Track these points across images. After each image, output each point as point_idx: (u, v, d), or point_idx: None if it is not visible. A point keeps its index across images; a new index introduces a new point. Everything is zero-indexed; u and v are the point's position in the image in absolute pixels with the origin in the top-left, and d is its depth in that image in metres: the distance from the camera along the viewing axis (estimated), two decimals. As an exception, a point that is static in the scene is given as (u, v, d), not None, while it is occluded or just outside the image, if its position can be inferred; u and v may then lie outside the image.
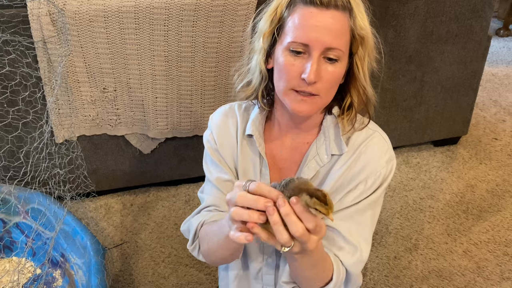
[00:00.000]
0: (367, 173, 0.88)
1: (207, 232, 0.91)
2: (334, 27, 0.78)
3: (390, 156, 0.90)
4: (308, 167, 0.90)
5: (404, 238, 1.74)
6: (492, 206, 1.88)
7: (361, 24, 0.81)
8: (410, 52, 1.86)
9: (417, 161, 2.14)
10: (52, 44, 1.50)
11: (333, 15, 0.78)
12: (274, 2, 0.84)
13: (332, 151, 0.89)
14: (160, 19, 1.52)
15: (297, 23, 0.79)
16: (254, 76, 0.90)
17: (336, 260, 0.87)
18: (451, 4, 1.79)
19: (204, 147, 1.00)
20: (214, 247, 0.87)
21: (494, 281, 1.57)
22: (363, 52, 0.84)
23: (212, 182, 0.97)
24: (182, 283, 1.59)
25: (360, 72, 0.84)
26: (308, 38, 0.78)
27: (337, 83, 0.84)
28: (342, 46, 0.79)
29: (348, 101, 0.88)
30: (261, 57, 0.87)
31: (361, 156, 0.88)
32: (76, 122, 1.69)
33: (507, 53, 3.18)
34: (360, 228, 0.89)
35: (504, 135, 2.30)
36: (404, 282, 1.58)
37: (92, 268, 1.29)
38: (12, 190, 1.50)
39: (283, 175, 0.94)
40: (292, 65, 0.80)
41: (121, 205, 1.91)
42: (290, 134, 0.93)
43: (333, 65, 0.80)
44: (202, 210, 0.98)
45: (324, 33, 0.77)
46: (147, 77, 1.63)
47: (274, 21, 0.83)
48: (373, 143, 0.89)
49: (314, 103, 0.82)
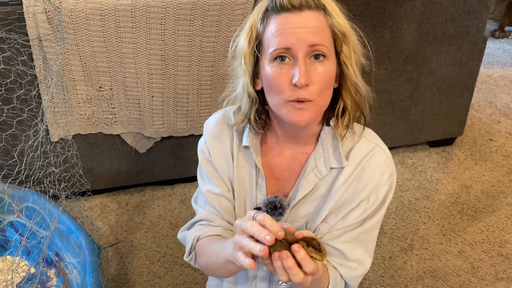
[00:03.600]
0: (369, 190, 0.87)
1: (206, 250, 0.90)
2: (312, 24, 0.77)
3: (391, 171, 0.88)
4: (306, 180, 0.88)
5: (399, 238, 1.75)
6: (487, 207, 1.89)
7: (338, 20, 0.79)
8: (406, 53, 1.87)
9: (413, 162, 2.14)
10: (48, 42, 1.49)
11: (308, 15, 0.77)
12: (248, 22, 0.83)
13: (331, 164, 0.88)
14: (156, 18, 1.51)
15: (274, 31, 0.78)
16: (243, 102, 0.88)
17: (335, 273, 0.87)
18: (447, 5, 1.80)
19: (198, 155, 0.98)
20: (214, 266, 0.87)
21: (489, 282, 1.57)
22: (348, 49, 0.81)
23: (204, 194, 0.95)
24: (177, 283, 1.59)
25: (349, 70, 0.82)
26: (289, 41, 0.76)
27: (330, 84, 0.81)
28: (325, 41, 0.78)
29: (341, 105, 0.85)
30: (247, 79, 0.84)
31: (364, 172, 0.87)
32: (72, 120, 1.68)
33: (502, 54, 3.19)
34: (365, 245, 0.89)
35: (499, 136, 2.31)
36: (399, 282, 1.58)
37: (87, 268, 1.29)
38: (6, 189, 1.50)
39: (280, 186, 0.92)
40: (280, 74, 0.78)
41: (116, 204, 1.90)
42: (288, 145, 0.91)
43: (321, 63, 0.78)
44: (196, 224, 0.97)
45: (303, 32, 0.76)
46: (144, 76, 1.62)
47: (252, 40, 0.81)
48: (375, 158, 0.87)
49: (311, 110, 0.79)
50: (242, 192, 0.94)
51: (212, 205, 0.94)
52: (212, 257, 0.86)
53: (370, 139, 0.90)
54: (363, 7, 1.71)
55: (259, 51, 0.82)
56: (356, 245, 0.88)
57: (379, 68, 1.87)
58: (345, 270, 0.88)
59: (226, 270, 0.84)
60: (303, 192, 0.88)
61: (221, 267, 0.84)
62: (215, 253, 0.85)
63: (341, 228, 0.88)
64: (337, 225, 0.89)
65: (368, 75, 0.91)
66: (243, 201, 0.94)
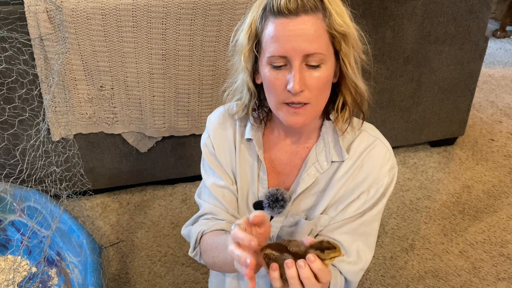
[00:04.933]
0: (369, 183, 0.87)
1: (211, 247, 0.90)
2: (308, 32, 0.76)
3: (392, 164, 0.89)
4: (307, 174, 0.89)
5: (401, 238, 1.75)
6: (488, 207, 1.88)
7: (339, 21, 0.78)
8: (408, 52, 1.86)
9: (414, 162, 2.14)
10: (49, 41, 1.49)
11: (304, 21, 0.76)
12: (248, 18, 0.83)
13: (332, 158, 0.88)
14: (158, 17, 1.51)
15: (271, 36, 0.78)
16: (243, 94, 0.90)
17: (334, 271, 0.87)
18: (448, 5, 1.79)
19: (202, 149, 0.99)
20: (221, 264, 0.87)
21: (490, 282, 1.57)
22: (347, 47, 0.80)
23: (209, 188, 0.96)
24: (178, 282, 1.59)
25: (348, 69, 0.82)
26: (284, 50, 0.76)
27: (326, 87, 0.81)
28: (321, 49, 0.77)
29: (340, 100, 0.86)
30: (247, 75, 0.86)
31: (364, 165, 0.87)
32: (73, 120, 1.68)
33: (504, 54, 3.19)
34: (365, 238, 0.89)
35: (500, 136, 2.31)
36: (401, 282, 1.58)
37: (88, 267, 1.29)
38: (8, 188, 1.50)
39: (281, 180, 0.93)
40: (276, 79, 0.79)
41: (117, 203, 1.90)
42: (289, 139, 0.92)
43: (317, 70, 0.78)
44: (200, 218, 0.98)
45: (299, 41, 0.75)
46: (145, 75, 1.62)
47: (251, 38, 0.82)
48: (375, 151, 0.88)
49: (307, 113, 0.80)
50: (245, 184, 0.95)
51: (217, 198, 0.95)
52: (218, 256, 0.87)
53: (371, 132, 0.91)
54: (364, 6, 1.71)
55: (258, 49, 0.82)
56: (356, 237, 0.88)
57: (381, 68, 1.87)
58: (344, 266, 0.88)
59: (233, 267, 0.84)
60: (304, 185, 0.89)
61: (228, 265, 0.84)
62: (220, 252, 0.85)
63: (341, 220, 0.89)
64: (337, 217, 0.89)
65: (368, 74, 0.91)
66: (246, 194, 0.95)
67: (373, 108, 1.97)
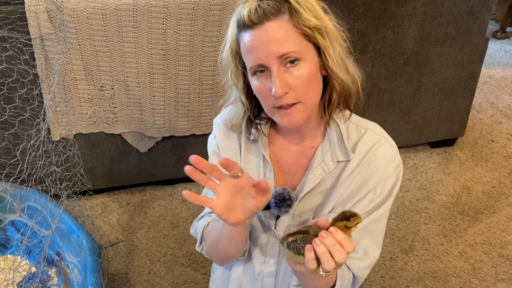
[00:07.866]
0: (376, 181, 0.88)
1: (211, 230, 0.94)
2: (276, 36, 0.77)
3: (397, 162, 0.90)
4: (314, 174, 0.90)
5: (400, 239, 1.75)
6: (488, 208, 1.88)
7: (307, 17, 0.78)
8: (408, 53, 1.86)
9: (414, 162, 2.14)
10: (50, 41, 1.49)
11: (270, 27, 0.77)
12: (228, 36, 0.86)
13: (338, 158, 0.89)
14: (158, 17, 1.51)
15: (245, 49, 0.81)
16: (238, 108, 0.93)
17: (342, 266, 0.87)
18: (449, 6, 1.80)
19: (208, 150, 1.01)
20: (216, 239, 0.90)
21: (489, 283, 1.57)
22: (324, 40, 0.81)
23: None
24: (178, 282, 1.59)
25: (328, 60, 0.82)
26: (259, 58, 0.79)
27: (312, 82, 0.82)
28: (293, 47, 0.78)
29: (326, 96, 0.87)
30: (237, 90, 0.89)
31: (370, 164, 0.88)
32: (73, 120, 1.68)
33: (504, 55, 3.19)
34: (373, 236, 0.91)
35: (500, 137, 2.31)
36: (400, 283, 1.58)
37: (87, 267, 1.29)
38: (8, 188, 1.50)
39: (287, 180, 0.94)
40: (262, 87, 0.81)
41: (117, 203, 1.90)
42: (294, 140, 0.93)
43: (296, 67, 0.79)
44: (206, 215, 1.00)
45: (269, 46, 0.77)
46: (145, 75, 1.62)
47: (233, 54, 0.85)
48: (381, 150, 0.89)
49: (298, 112, 0.82)
50: None
51: None
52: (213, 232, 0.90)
53: (376, 131, 0.91)
54: (364, 7, 1.71)
55: (242, 63, 0.85)
56: (364, 236, 0.89)
57: (381, 69, 1.87)
58: (352, 261, 0.89)
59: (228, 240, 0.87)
60: (310, 185, 0.90)
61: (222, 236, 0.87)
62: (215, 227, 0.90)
63: None
64: None
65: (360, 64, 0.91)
66: None
67: (373, 108, 1.98)
